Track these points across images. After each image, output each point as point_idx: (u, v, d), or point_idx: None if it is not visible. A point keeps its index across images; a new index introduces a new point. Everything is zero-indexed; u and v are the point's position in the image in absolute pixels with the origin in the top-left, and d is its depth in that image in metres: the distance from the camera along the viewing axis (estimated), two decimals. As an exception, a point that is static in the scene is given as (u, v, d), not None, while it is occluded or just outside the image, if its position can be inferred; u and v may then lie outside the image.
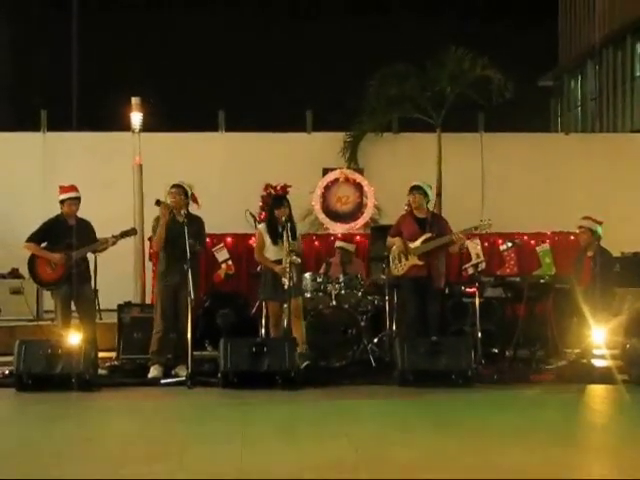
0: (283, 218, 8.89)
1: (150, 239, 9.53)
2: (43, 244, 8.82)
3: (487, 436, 6.22)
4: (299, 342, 8.76)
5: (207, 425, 6.66)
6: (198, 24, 32.14)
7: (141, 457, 5.65)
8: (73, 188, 8.90)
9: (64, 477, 5.17)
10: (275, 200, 9.41)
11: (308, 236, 11.89)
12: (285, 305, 8.84)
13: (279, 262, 8.84)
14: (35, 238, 8.80)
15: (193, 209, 8.97)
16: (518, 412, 7.29)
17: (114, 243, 8.88)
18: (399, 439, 6.15)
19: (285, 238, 8.77)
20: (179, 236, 8.55)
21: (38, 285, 9.38)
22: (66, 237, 8.72)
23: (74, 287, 8.68)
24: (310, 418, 6.98)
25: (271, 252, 9.02)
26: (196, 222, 8.85)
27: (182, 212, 8.71)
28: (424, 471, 5.29)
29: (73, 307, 8.89)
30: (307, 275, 9.82)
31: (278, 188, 12.87)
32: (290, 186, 12.86)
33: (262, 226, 9.24)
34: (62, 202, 8.84)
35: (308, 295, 9.66)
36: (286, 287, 8.66)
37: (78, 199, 8.86)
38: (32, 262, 8.80)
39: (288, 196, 9.95)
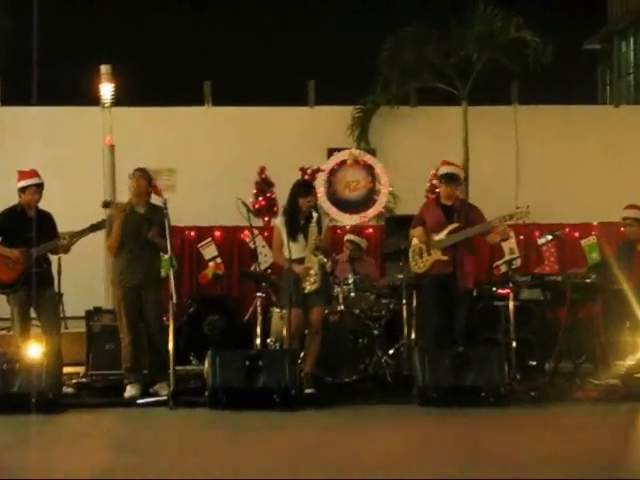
0: (308, 208, 8.71)
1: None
2: (-3, 239, 8.83)
3: (522, 466, 6.19)
4: (308, 361, 8.78)
5: (192, 455, 6.65)
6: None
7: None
8: (35, 173, 8.93)
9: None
10: (302, 187, 9.07)
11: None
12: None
13: (300, 262, 8.72)
14: (-12, 232, 8.82)
15: (157, 200, 8.95)
16: (559, 437, 7.28)
17: (77, 238, 8.84)
18: (419, 469, 6.14)
19: (311, 232, 8.64)
20: (140, 230, 8.59)
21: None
22: (25, 231, 8.74)
23: (34, 290, 8.69)
24: (314, 445, 6.96)
25: (289, 250, 8.69)
26: (159, 212, 8.77)
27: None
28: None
29: (33, 314, 8.89)
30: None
31: (309, 172, 12.57)
32: (323, 170, 12.77)
33: (279, 220, 9.03)
34: (22, 190, 8.85)
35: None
36: (306, 291, 8.63)
37: (41, 186, 8.89)
38: (-16, 261, 8.81)
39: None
